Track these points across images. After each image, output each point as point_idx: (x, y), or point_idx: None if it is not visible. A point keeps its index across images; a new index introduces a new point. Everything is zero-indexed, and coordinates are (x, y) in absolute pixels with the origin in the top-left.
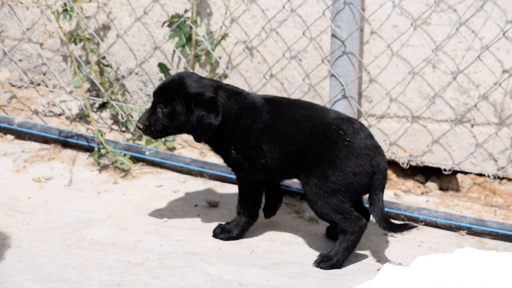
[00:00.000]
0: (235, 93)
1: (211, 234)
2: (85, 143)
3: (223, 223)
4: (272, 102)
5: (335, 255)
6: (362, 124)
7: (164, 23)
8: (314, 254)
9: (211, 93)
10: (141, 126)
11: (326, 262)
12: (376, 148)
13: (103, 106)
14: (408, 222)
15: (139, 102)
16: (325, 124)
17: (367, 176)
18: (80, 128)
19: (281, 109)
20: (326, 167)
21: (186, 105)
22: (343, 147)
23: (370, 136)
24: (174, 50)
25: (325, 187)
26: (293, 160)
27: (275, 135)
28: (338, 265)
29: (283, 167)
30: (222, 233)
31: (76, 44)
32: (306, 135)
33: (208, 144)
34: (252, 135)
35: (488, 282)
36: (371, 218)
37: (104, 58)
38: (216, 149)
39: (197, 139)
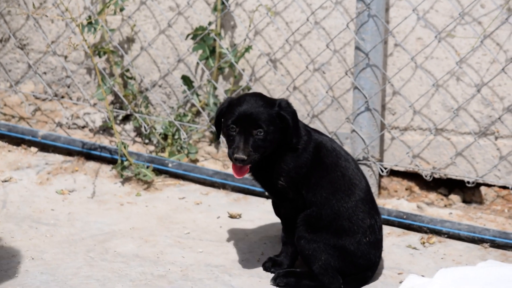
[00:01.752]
0: None
1: (263, 268)
2: (108, 155)
3: (274, 256)
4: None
5: None
6: None
7: (188, 35)
8: None
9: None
10: (245, 158)
11: None
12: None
13: (126, 118)
14: None
15: (162, 114)
16: None
17: None
18: (104, 140)
19: None
20: None
21: (279, 119)
22: None
23: None
24: (197, 63)
25: None
26: None
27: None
28: None
29: None
30: (273, 266)
31: (100, 56)
32: None
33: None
34: None
35: None
36: (389, 231)
37: (128, 70)
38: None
39: (296, 141)
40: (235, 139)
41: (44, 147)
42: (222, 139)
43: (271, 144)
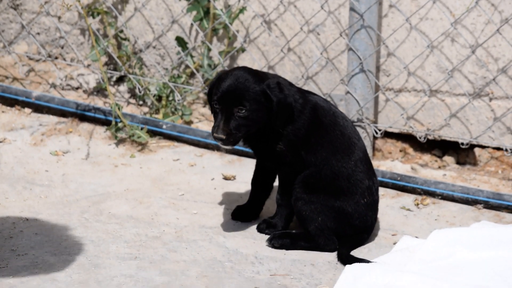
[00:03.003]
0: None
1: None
2: (102, 116)
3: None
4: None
5: None
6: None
7: None
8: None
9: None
10: (223, 137)
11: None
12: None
13: (120, 79)
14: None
15: (157, 75)
16: None
17: None
18: (98, 102)
19: None
20: None
21: (265, 98)
22: None
23: None
24: (192, 24)
25: None
26: None
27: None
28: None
29: None
30: (268, 228)
31: (94, 17)
32: None
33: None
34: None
35: (505, 255)
36: (383, 192)
37: (121, 31)
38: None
39: (279, 125)
40: (217, 116)
41: (38, 108)
42: None
43: (255, 124)
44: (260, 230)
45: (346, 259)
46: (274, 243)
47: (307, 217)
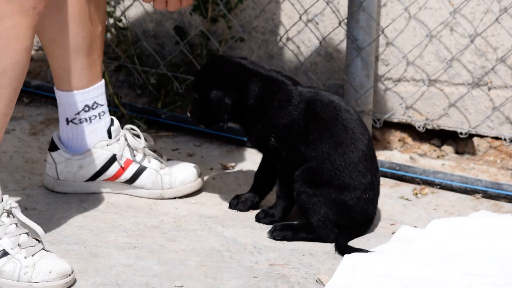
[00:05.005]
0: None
1: (254, 219)
2: None
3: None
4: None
5: None
6: None
7: None
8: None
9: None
10: (189, 115)
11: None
12: None
13: (118, 69)
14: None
15: (155, 65)
16: None
17: None
18: None
19: None
20: None
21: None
22: None
23: None
24: (190, 13)
25: None
26: None
27: None
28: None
29: None
30: (265, 217)
31: None
32: None
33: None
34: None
35: (503, 245)
36: (382, 182)
37: (120, 21)
38: None
39: (222, 119)
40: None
41: (37, 97)
42: None
43: (206, 111)
44: (258, 219)
45: (344, 249)
46: (276, 235)
47: (309, 209)
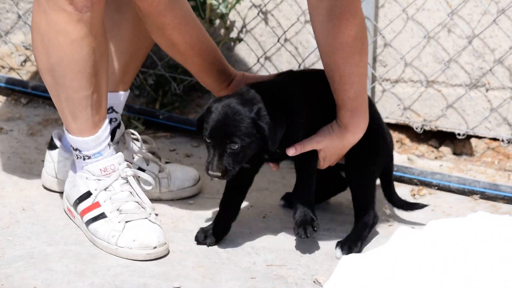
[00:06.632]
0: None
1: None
2: None
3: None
4: None
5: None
6: None
7: None
8: (327, 218)
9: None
10: (219, 175)
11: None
12: None
13: None
14: (419, 202)
15: (153, 66)
16: None
17: None
18: None
19: None
20: None
21: (256, 128)
22: None
23: None
24: None
25: None
26: None
27: None
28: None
29: None
30: (304, 227)
31: None
32: None
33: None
34: None
35: (501, 246)
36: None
37: None
38: None
39: (272, 145)
40: (209, 152)
41: (35, 98)
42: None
43: (250, 154)
44: (299, 232)
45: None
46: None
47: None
